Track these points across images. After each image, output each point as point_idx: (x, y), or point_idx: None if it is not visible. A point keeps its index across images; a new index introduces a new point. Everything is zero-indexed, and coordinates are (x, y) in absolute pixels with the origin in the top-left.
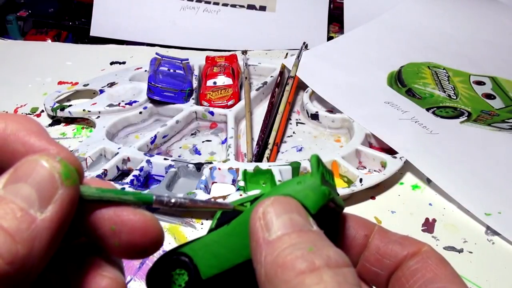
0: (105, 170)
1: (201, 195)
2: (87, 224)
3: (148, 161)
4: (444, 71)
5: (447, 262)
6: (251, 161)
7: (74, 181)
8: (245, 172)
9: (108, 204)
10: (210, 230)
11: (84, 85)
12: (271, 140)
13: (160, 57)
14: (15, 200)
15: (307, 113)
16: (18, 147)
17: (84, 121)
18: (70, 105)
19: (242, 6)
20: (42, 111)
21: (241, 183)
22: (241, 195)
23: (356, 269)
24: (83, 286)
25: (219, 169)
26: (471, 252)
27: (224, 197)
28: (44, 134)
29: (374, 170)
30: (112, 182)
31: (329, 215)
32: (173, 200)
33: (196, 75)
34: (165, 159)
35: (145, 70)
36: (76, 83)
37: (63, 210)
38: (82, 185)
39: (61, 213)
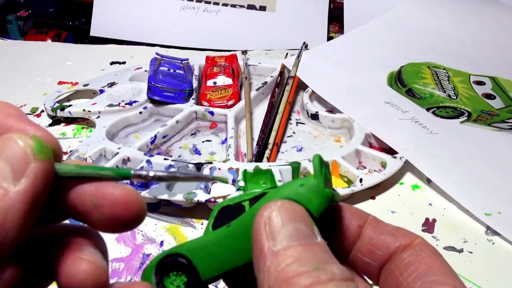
0: None
1: (201, 195)
2: (69, 201)
3: (148, 161)
4: (444, 71)
5: (440, 255)
6: (251, 161)
7: (46, 156)
8: (245, 172)
9: (88, 180)
10: (208, 230)
11: (84, 85)
12: (271, 140)
13: (160, 57)
14: None
15: (307, 113)
16: None
17: (84, 121)
18: (70, 105)
19: (242, 6)
20: (42, 111)
21: (241, 183)
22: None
23: (348, 258)
24: (62, 268)
25: (219, 169)
26: (471, 252)
27: (224, 197)
28: (22, 117)
29: (374, 170)
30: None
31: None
32: (151, 174)
33: (196, 75)
34: (165, 159)
35: (145, 70)
36: (76, 83)
37: (36, 183)
38: (60, 163)
39: (34, 186)
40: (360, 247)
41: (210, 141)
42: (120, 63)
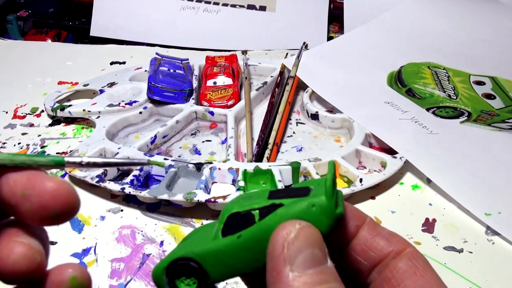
0: (105, 170)
1: (201, 195)
2: (0, 191)
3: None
4: (444, 71)
5: (431, 266)
6: (251, 161)
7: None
8: (245, 172)
9: (20, 169)
10: (218, 236)
11: (84, 85)
12: (271, 140)
13: (160, 57)
14: None
15: (307, 113)
16: None
17: (84, 121)
18: (70, 105)
19: (242, 6)
20: (42, 111)
21: (241, 183)
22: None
23: (342, 255)
24: (34, 198)
25: (219, 169)
26: (471, 252)
27: (224, 197)
28: None
29: (374, 170)
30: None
31: None
32: (85, 160)
33: (196, 75)
34: (165, 159)
35: (145, 70)
36: (76, 83)
37: None
38: None
39: None
40: (354, 246)
41: (210, 141)
42: (120, 63)
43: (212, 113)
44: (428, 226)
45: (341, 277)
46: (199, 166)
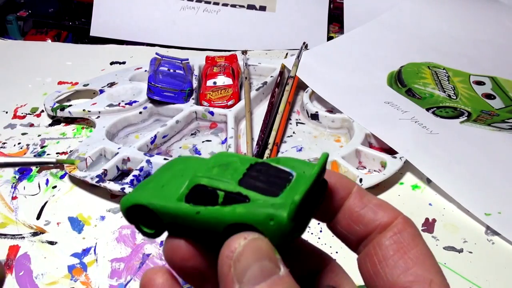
0: (105, 170)
1: None
2: None
3: (148, 161)
4: (444, 71)
5: (420, 239)
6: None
7: None
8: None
9: None
10: (181, 199)
11: (84, 85)
12: (271, 140)
13: (160, 57)
14: None
15: (307, 113)
16: None
17: (84, 121)
18: (70, 105)
19: (242, 6)
20: (42, 111)
21: None
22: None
23: (328, 225)
24: None
25: None
26: (471, 252)
27: None
28: None
29: (374, 170)
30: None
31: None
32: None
33: (196, 75)
34: (165, 159)
35: (145, 70)
36: (76, 83)
37: None
38: None
39: None
40: (340, 219)
41: (210, 141)
42: (120, 63)
43: (212, 113)
44: (428, 226)
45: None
46: None
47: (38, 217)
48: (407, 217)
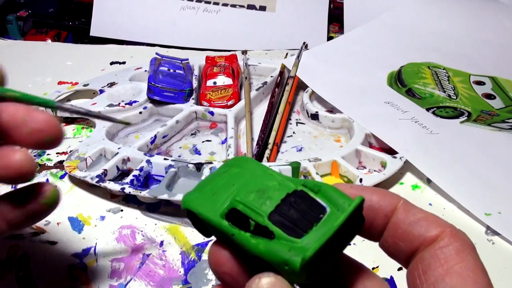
0: (105, 170)
1: None
2: (1, 117)
3: (148, 161)
4: (444, 71)
5: (468, 252)
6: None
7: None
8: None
9: (19, 102)
10: (222, 214)
11: (84, 85)
12: (271, 140)
13: (160, 57)
14: None
15: (307, 113)
16: None
17: (84, 121)
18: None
19: (242, 6)
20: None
21: None
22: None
23: (379, 243)
24: (32, 124)
25: None
26: None
27: None
28: None
29: (374, 170)
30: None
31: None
32: (70, 107)
33: (196, 75)
34: (165, 159)
35: (145, 70)
36: (76, 83)
37: None
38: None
39: None
40: (386, 238)
41: (210, 141)
42: (120, 63)
43: (212, 113)
44: None
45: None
46: (199, 166)
47: None
48: (458, 229)
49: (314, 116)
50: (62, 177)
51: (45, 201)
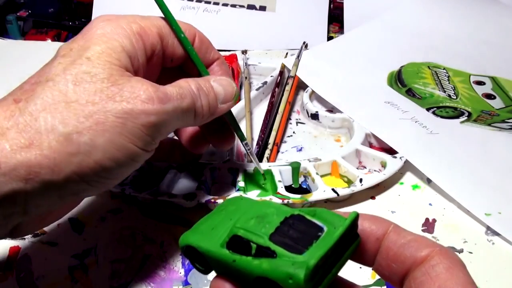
0: None
1: (202, 196)
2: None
3: (148, 161)
4: (444, 71)
5: (458, 268)
6: (251, 161)
7: (235, 100)
8: (245, 172)
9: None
10: (223, 244)
11: None
12: (271, 140)
13: None
14: (214, 91)
15: (307, 113)
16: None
17: None
18: None
19: (242, 6)
20: None
21: (241, 184)
22: (241, 195)
23: (373, 268)
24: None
25: (219, 169)
26: (471, 253)
27: (224, 198)
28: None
29: (374, 170)
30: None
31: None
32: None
33: None
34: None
35: None
36: None
37: (224, 110)
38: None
39: (224, 111)
40: (379, 261)
41: None
42: None
43: None
44: (428, 226)
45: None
46: (199, 166)
47: None
48: (446, 249)
49: (314, 116)
50: None
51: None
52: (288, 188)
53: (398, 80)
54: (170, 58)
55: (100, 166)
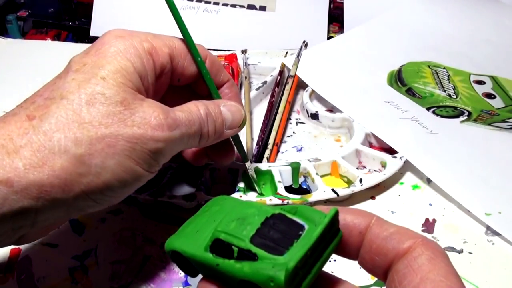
0: None
1: (202, 197)
2: None
3: None
4: (444, 70)
5: (440, 259)
6: (251, 161)
7: (242, 127)
8: (244, 173)
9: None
10: (206, 248)
11: None
12: (271, 140)
13: None
14: (223, 116)
15: (307, 112)
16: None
17: None
18: None
19: (242, 6)
20: None
21: (241, 184)
22: (240, 196)
23: (358, 261)
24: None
25: (219, 169)
26: (471, 253)
27: None
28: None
29: (374, 170)
30: None
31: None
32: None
33: None
34: None
35: None
36: None
37: (230, 134)
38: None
39: (229, 135)
40: (363, 254)
41: None
42: None
43: None
44: (428, 226)
45: None
46: (199, 167)
47: None
48: (428, 240)
49: (314, 116)
50: None
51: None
52: (288, 189)
53: (398, 79)
54: (178, 77)
55: (107, 186)
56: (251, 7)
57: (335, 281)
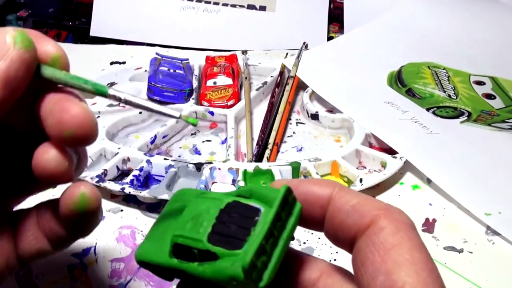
0: (105, 170)
1: None
2: (38, 103)
3: (148, 161)
4: (444, 71)
5: (403, 232)
6: (251, 161)
7: (25, 47)
8: (245, 172)
9: (66, 86)
10: (170, 253)
11: None
12: (271, 140)
13: (160, 57)
14: None
15: (307, 113)
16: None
17: None
18: None
19: (242, 6)
20: None
21: (241, 183)
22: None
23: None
24: (56, 114)
25: (219, 169)
26: (471, 252)
27: None
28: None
29: (374, 170)
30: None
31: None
32: (123, 96)
33: (196, 75)
34: (165, 159)
35: (145, 70)
36: None
37: (11, 66)
38: (49, 67)
39: (9, 68)
40: (327, 229)
41: (210, 141)
42: (120, 63)
43: (212, 113)
44: (428, 226)
45: None
46: (199, 166)
47: None
48: (392, 210)
49: (314, 116)
50: None
51: (73, 207)
52: None
53: (398, 80)
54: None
55: None
56: (251, 7)
57: (306, 259)
